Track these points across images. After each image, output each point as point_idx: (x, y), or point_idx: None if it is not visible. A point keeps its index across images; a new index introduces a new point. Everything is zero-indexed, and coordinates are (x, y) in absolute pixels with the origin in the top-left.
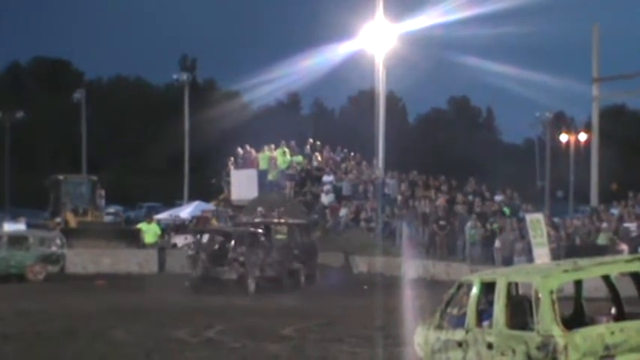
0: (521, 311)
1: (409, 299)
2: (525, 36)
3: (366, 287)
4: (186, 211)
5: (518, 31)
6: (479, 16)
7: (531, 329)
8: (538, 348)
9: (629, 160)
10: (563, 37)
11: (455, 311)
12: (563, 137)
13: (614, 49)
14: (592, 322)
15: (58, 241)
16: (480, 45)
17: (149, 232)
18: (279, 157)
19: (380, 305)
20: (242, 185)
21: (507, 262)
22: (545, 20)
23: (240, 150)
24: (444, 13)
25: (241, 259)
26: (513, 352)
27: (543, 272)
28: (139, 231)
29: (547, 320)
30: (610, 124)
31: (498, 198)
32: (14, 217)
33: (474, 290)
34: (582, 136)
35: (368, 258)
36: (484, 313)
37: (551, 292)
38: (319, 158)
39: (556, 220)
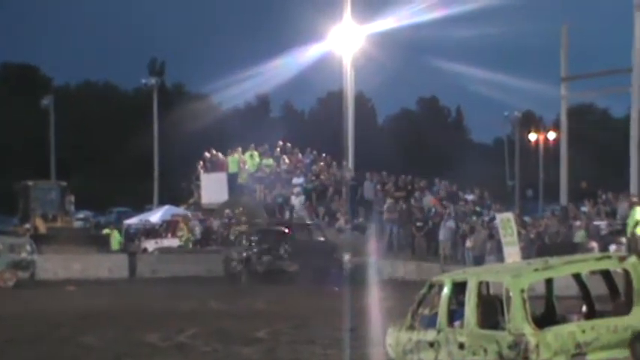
0: (492, 310)
1: (380, 300)
2: (493, 36)
3: (337, 289)
4: (157, 216)
5: (487, 32)
6: (447, 17)
7: (503, 328)
8: (510, 347)
9: (598, 158)
10: (531, 37)
11: (426, 311)
12: (532, 136)
13: (581, 49)
14: (563, 320)
15: (28, 247)
16: (449, 46)
17: (113, 239)
18: (247, 160)
19: (351, 306)
20: (212, 189)
21: (479, 261)
22: (513, 21)
23: (207, 154)
24: (412, 15)
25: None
26: (485, 351)
27: (514, 271)
28: (108, 236)
29: (518, 319)
30: (578, 123)
31: (469, 197)
32: None
33: (445, 290)
34: (551, 135)
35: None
36: (455, 313)
37: (522, 291)
38: (286, 161)
39: (526, 219)
